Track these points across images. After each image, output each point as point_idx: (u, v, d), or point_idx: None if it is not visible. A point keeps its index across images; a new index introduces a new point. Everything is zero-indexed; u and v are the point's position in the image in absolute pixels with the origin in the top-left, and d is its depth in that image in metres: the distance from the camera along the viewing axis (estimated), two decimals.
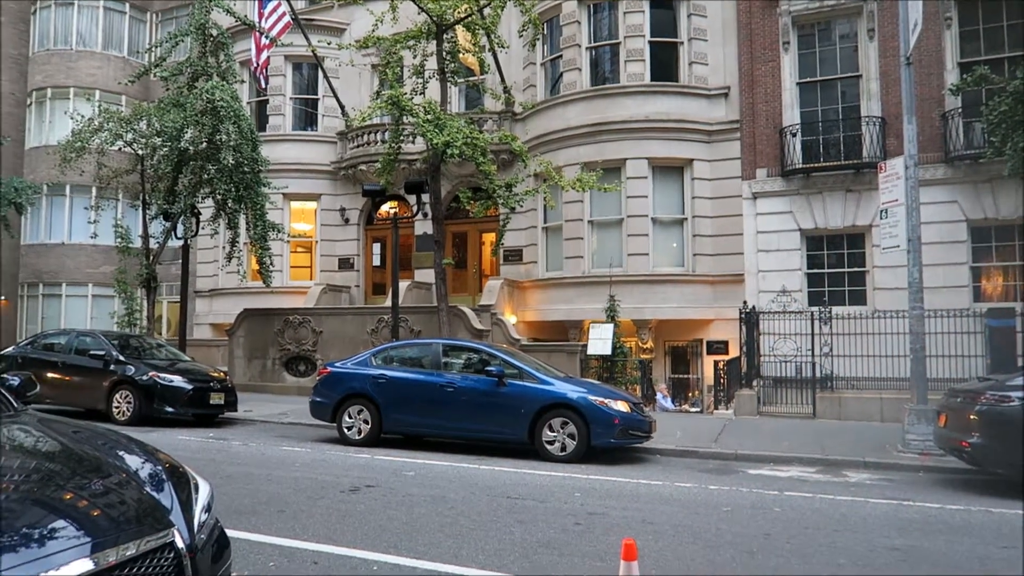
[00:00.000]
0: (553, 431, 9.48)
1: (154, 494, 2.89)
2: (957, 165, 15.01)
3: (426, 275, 18.17)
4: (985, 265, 15.19)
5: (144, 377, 12.26)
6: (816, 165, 16.11)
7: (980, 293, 15.11)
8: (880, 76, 15.80)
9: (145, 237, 17.73)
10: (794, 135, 16.26)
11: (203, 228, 17.31)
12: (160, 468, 3.16)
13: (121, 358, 12.66)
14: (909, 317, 10.68)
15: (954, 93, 14.41)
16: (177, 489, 2.99)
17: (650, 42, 17.25)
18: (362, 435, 10.41)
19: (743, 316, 14.99)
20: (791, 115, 16.47)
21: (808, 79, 16.64)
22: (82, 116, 16.89)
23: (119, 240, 18.05)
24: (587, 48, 17.84)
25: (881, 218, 11.40)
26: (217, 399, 12.62)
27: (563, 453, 9.37)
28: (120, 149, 17.51)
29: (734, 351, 15.90)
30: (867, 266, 15.80)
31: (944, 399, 8.90)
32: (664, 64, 17.43)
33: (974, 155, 14.59)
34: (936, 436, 9.00)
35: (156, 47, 17.43)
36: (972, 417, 7.82)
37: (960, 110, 14.98)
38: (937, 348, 13.31)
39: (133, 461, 3.19)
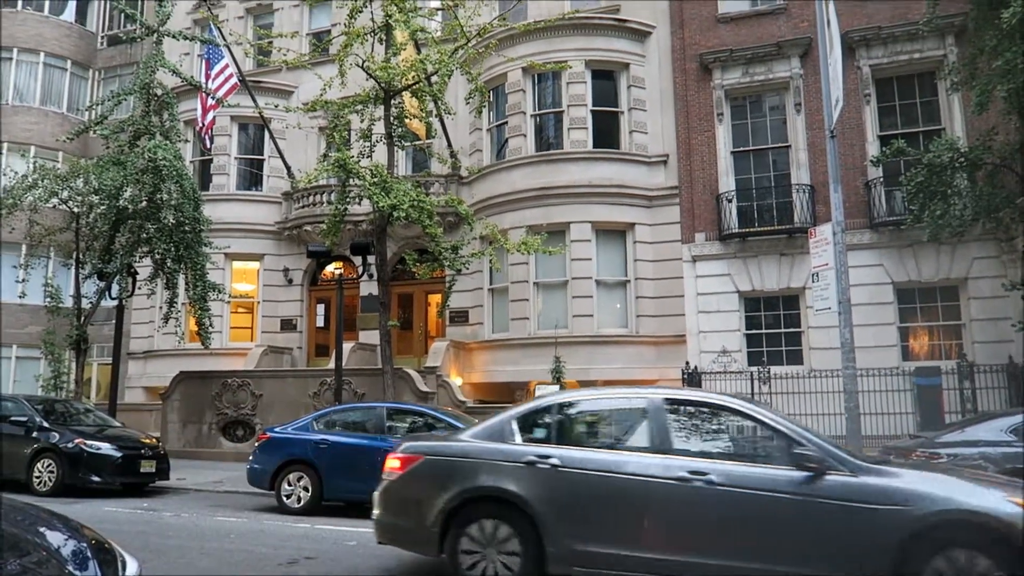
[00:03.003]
0: None
1: (77, 573, 2.75)
2: (881, 231, 15.82)
3: (371, 336, 17.96)
4: (912, 325, 15.90)
5: (69, 444, 11.65)
6: (751, 230, 16.76)
7: (908, 352, 15.75)
8: (808, 146, 16.68)
9: (77, 297, 17.08)
10: (730, 201, 16.93)
11: (140, 288, 16.80)
12: (84, 545, 3.01)
13: (45, 424, 12.04)
14: (842, 376, 11.01)
15: (875, 164, 15.29)
16: (103, 567, 2.86)
17: (592, 111, 17.89)
18: (302, 503, 10.08)
19: (686, 376, 15.26)
20: (727, 182, 17.18)
21: (742, 148, 17.45)
22: (15, 172, 16.41)
23: (49, 300, 17.36)
24: (532, 115, 18.36)
25: (813, 281, 11.84)
26: (148, 467, 12.07)
27: None
28: (55, 206, 17.00)
29: None
30: (802, 326, 16.32)
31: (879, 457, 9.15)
32: (606, 132, 18.05)
33: (896, 221, 15.43)
34: None
35: (98, 105, 17.17)
36: None
37: (882, 179, 15.90)
38: (871, 406, 13.72)
39: (55, 538, 3.04)
